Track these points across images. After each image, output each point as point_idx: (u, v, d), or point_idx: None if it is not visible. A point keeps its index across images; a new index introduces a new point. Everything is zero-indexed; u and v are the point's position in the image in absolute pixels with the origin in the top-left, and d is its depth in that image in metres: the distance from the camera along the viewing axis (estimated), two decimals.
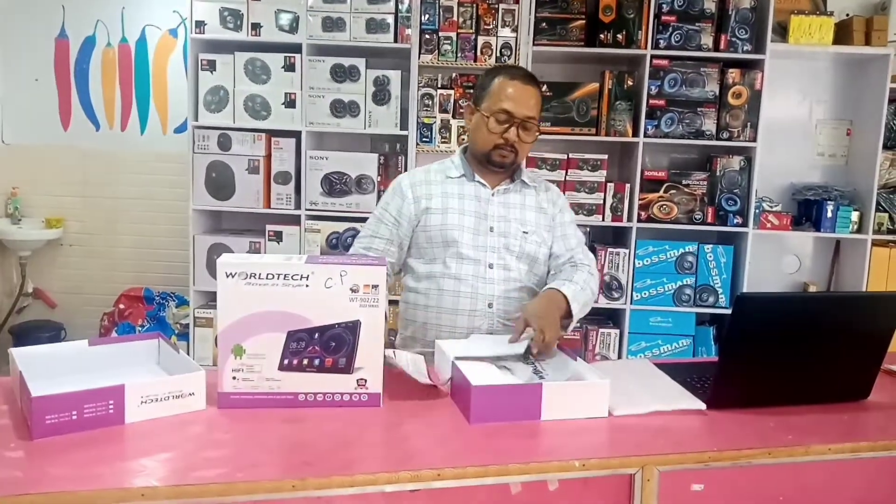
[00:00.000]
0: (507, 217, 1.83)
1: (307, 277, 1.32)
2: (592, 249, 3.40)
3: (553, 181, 3.31)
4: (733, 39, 3.26)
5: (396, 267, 1.89)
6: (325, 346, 1.34)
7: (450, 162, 1.91)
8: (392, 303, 3.42)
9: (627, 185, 3.36)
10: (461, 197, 1.83)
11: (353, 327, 1.34)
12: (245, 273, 1.31)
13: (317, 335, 1.34)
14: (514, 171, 1.88)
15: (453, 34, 3.33)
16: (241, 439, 1.22)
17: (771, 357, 1.41)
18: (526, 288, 1.83)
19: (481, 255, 1.79)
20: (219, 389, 1.33)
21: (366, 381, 1.36)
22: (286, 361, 1.34)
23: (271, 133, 3.39)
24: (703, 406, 1.42)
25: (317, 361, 1.34)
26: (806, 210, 3.52)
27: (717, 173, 3.34)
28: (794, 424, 1.37)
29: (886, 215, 3.40)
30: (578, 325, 3.37)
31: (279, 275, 1.32)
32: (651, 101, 3.27)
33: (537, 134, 1.81)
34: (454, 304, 1.79)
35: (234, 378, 1.33)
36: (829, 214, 3.37)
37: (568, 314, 1.71)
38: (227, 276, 1.31)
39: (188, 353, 3.39)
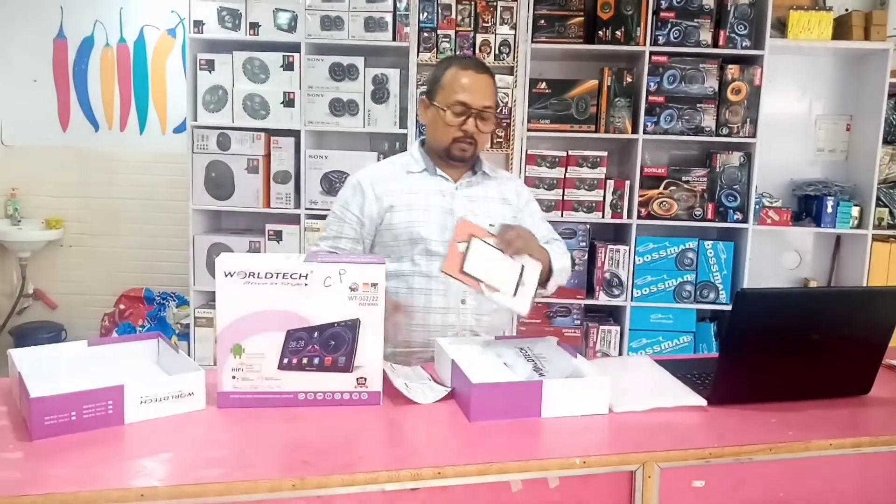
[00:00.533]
0: (474, 210, 1.79)
1: (306, 276, 1.32)
2: (592, 246, 3.40)
3: (553, 178, 3.34)
4: (732, 35, 3.25)
5: None
6: (325, 345, 1.34)
7: (409, 156, 1.87)
8: None
9: (627, 182, 3.35)
10: (425, 192, 1.79)
11: (352, 326, 1.34)
12: (244, 272, 1.31)
13: (316, 334, 1.33)
14: (474, 163, 1.85)
15: (452, 32, 3.32)
16: (241, 439, 1.22)
17: (771, 353, 1.41)
18: None
19: None
20: (218, 389, 1.33)
21: (366, 379, 1.36)
22: (286, 360, 1.34)
23: (270, 132, 3.39)
24: (703, 402, 1.42)
25: (316, 360, 1.34)
26: (806, 206, 3.52)
27: (717, 169, 3.33)
28: (795, 420, 1.37)
29: (887, 210, 3.40)
30: (579, 322, 3.39)
31: (278, 274, 1.31)
32: (650, 98, 3.27)
33: (494, 123, 1.79)
34: (426, 303, 1.75)
35: (233, 377, 1.33)
36: (830, 210, 3.36)
37: (548, 265, 1.73)
38: (226, 276, 1.31)
39: (189, 354, 3.41)
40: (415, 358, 1.72)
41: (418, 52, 3.31)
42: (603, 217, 3.36)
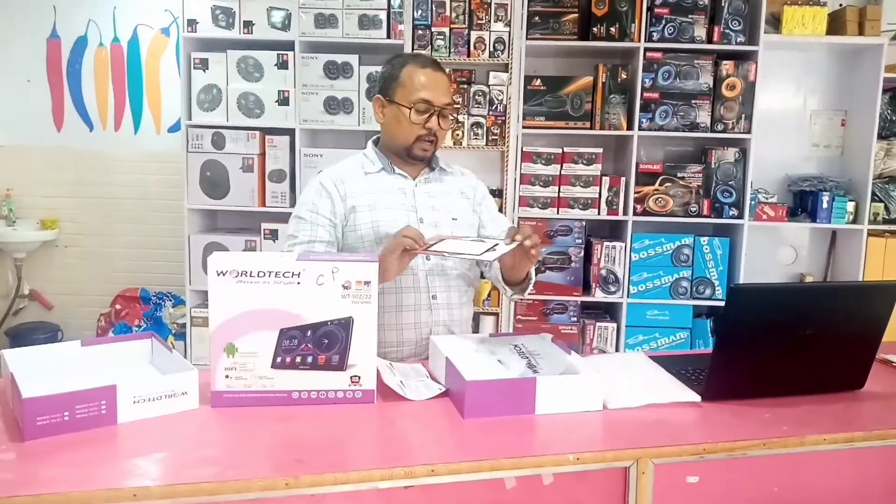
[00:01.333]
0: (435, 206, 1.79)
1: (299, 275, 1.32)
2: (588, 243, 3.40)
3: (548, 175, 3.34)
4: (727, 31, 3.25)
5: None
6: (318, 344, 1.34)
7: (363, 157, 1.85)
8: None
9: (623, 179, 3.35)
10: (385, 191, 1.77)
11: (345, 324, 1.34)
12: (236, 271, 1.31)
13: (309, 332, 1.33)
14: (430, 160, 1.84)
15: (446, 29, 3.32)
16: (235, 438, 1.22)
17: (765, 348, 1.41)
18: (462, 275, 1.81)
19: None
20: (212, 388, 1.33)
21: (359, 377, 1.36)
22: (279, 359, 1.33)
23: (265, 131, 3.38)
24: (697, 398, 1.42)
25: (310, 359, 1.34)
26: (801, 201, 3.52)
27: (713, 165, 3.33)
28: (788, 415, 1.37)
29: (882, 205, 3.40)
30: (575, 319, 3.39)
31: (270, 272, 1.31)
32: (645, 94, 3.27)
33: (452, 120, 1.78)
34: (397, 302, 1.74)
35: (226, 377, 1.33)
36: (825, 205, 3.37)
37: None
38: (219, 275, 1.31)
39: (186, 353, 3.42)
40: (389, 358, 1.71)
41: (412, 49, 3.31)
42: (599, 214, 3.36)
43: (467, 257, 1.62)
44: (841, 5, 3.39)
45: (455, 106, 1.80)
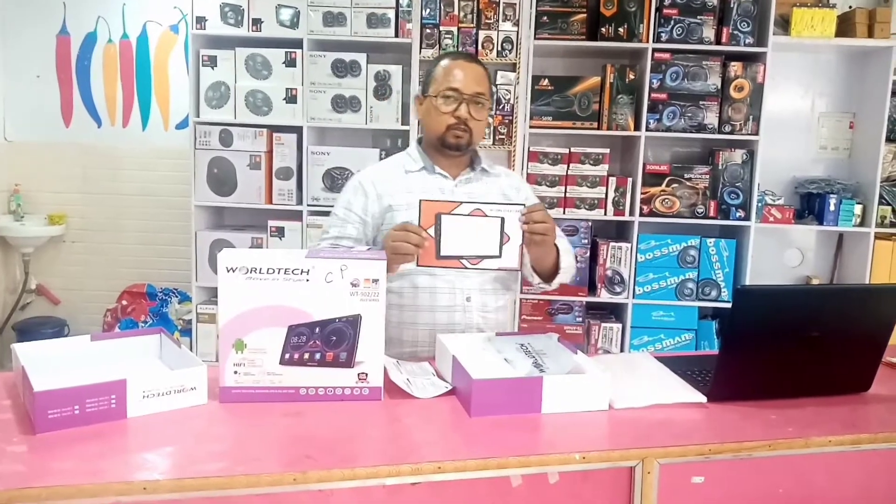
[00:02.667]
0: None
1: (308, 272, 1.32)
2: (594, 243, 3.40)
3: (555, 175, 3.34)
4: (735, 32, 3.25)
5: None
6: (326, 341, 1.35)
7: (406, 156, 1.86)
8: None
9: (629, 179, 3.35)
10: (424, 191, 1.78)
11: (353, 321, 1.35)
12: (246, 268, 1.32)
13: (318, 329, 1.34)
14: (472, 160, 1.85)
15: (454, 28, 3.32)
16: (243, 433, 1.23)
17: (771, 350, 1.41)
18: (500, 278, 1.81)
19: None
20: (220, 384, 1.34)
21: (367, 374, 1.37)
22: (287, 356, 1.34)
23: (273, 129, 3.39)
24: (703, 399, 1.42)
25: (318, 356, 1.35)
26: (808, 203, 3.51)
27: (720, 167, 3.33)
28: (794, 417, 1.37)
29: (889, 208, 3.39)
30: (580, 320, 3.40)
31: (280, 269, 1.32)
32: (653, 95, 3.27)
33: (489, 111, 1.77)
34: (431, 301, 1.75)
35: (235, 372, 1.34)
36: (832, 208, 3.36)
37: (556, 258, 1.73)
38: (228, 271, 1.31)
39: (191, 349, 3.42)
40: (422, 358, 1.72)
41: (421, 48, 3.31)
42: (605, 214, 3.36)
43: (491, 268, 1.61)
44: (850, 7, 3.38)
45: (485, 98, 1.78)
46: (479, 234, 1.57)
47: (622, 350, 3.39)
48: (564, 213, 3.36)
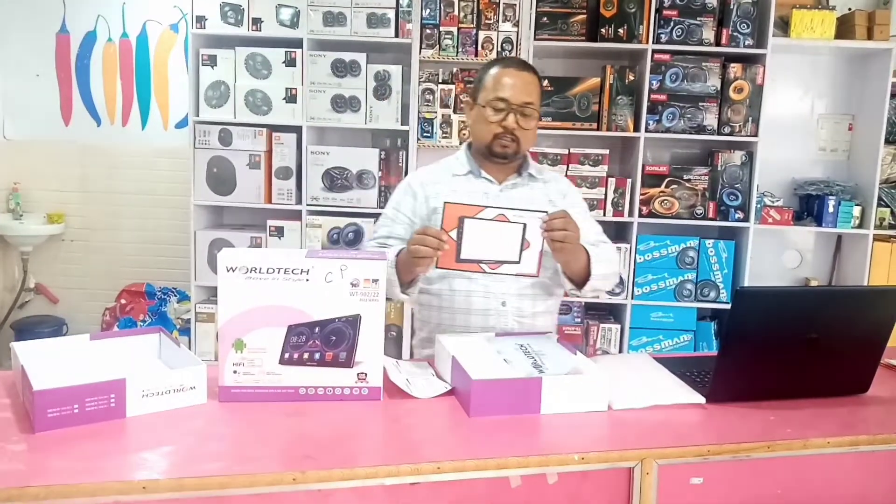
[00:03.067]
0: None
1: (307, 272, 1.33)
2: None
3: None
4: (735, 34, 3.25)
5: None
6: (326, 341, 1.35)
7: (454, 159, 1.88)
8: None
9: (628, 180, 3.35)
10: (469, 194, 1.79)
11: (353, 321, 1.35)
12: (246, 267, 1.32)
13: (317, 329, 1.34)
14: (520, 165, 1.85)
15: (454, 29, 3.33)
16: (242, 433, 1.23)
17: (770, 351, 1.41)
18: (539, 284, 1.79)
19: None
20: (220, 383, 1.34)
21: (366, 374, 1.37)
22: (287, 355, 1.34)
23: (272, 128, 3.39)
24: (702, 400, 1.42)
25: (317, 355, 1.35)
26: (807, 205, 3.52)
27: (719, 168, 3.33)
28: (793, 418, 1.37)
29: (888, 210, 3.40)
30: (579, 320, 3.40)
31: (280, 269, 1.32)
32: (652, 96, 3.27)
33: (538, 120, 1.77)
34: (467, 304, 1.76)
35: (234, 372, 1.34)
36: (831, 209, 3.36)
37: (587, 264, 1.71)
38: (228, 271, 1.32)
39: (189, 349, 3.41)
40: None
41: (420, 48, 3.31)
42: (604, 215, 3.36)
43: (509, 274, 1.60)
44: (850, 9, 3.39)
45: (534, 108, 1.76)
46: (501, 239, 1.58)
47: (621, 351, 3.39)
48: None
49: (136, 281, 3.93)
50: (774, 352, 1.41)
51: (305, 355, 1.35)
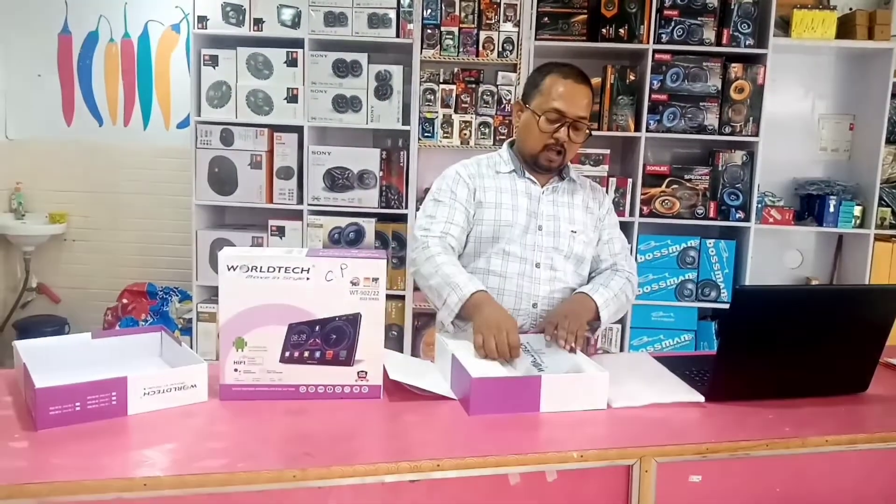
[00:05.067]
0: (557, 216, 1.79)
1: (308, 270, 1.33)
2: None
3: None
4: (735, 34, 3.25)
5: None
6: (326, 339, 1.35)
7: (497, 157, 1.87)
8: (395, 297, 3.42)
9: (629, 180, 3.36)
10: (513, 193, 1.79)
11: (353, 320, 1.36)
12: (246, 266, 1.32)
13: (318, 328, 1.35)
14: (561, 169, 1.85)
15: (455, 29, 3.33)
16: (243, 430, 1.23)
17: (769, 350, 1.41)
18: (570, 289, 1.78)
19: (528, 254, 1.75)
20: (220, 381, 1.34)
21: (366, 373, 1.37)
22: (287, 354, 1.35)
23: (273, 128, 3.39)
24: (701, 398, 1.43)
25: (318, 354, 1.36)
26: (808, 205, 3.52)
27: (720, 168, 3.33)
28: (792, 417, 1.38)
29: (889, 210, 3.40)
30: None
31: (280, 268, 1.33)
32: (653, 96, 3.27)
33: (587, 134, 1.76)
34: (498, 301, 1.72)
35: (235, 370, 1.34)
36: (832, 209, 3.36)
37: (596, 317, 1.69)
38: (229, 270, 1.32)
39: (191, 348, 3.42)
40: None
41: (422, 48, 3.32)
42: None
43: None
44: (851, 9, 3.39)
45: (589, 124, 1.76)
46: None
47: (622, 350, 3.39)
48: None
49: (137, 281, 3.94)
50: (773, 350, 1.42)
51: (306, 354, 1.35)
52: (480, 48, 3.34)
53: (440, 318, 1.68)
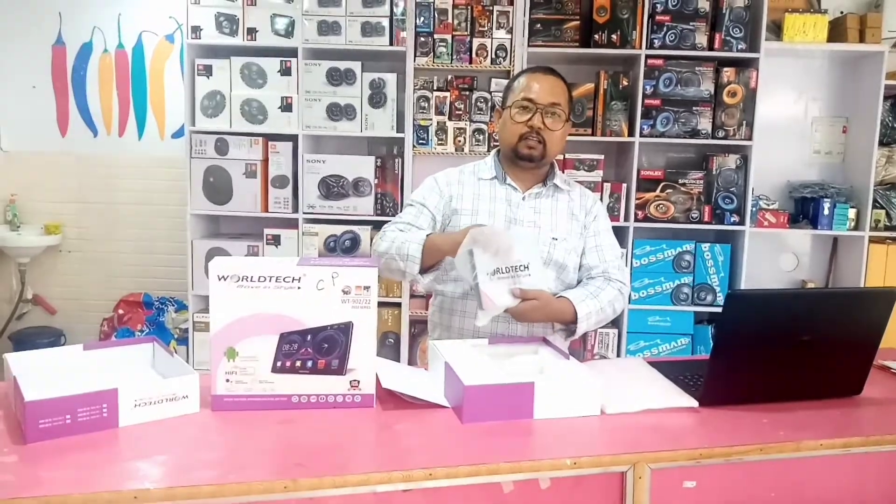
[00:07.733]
0: (537, 222, 1.79)
1: (299, 280, 1.33)
2: None
3: None
4: (728, 38, 3.26)
5: None
6: (318, 348, 1.35)
7: (483, 164, 1.89)
8: (392, 305, 3.42)
9: (624, 185, 3.36)
10: (492, 199, 1.80)
11: (345, 329, 1.35)
12: (237, 276, 1.32)
13: (309, 337, 1.34)
14: (547, 175, 1.85)
15: (448, 36, 3.34)
16: (235, 441, 1.23)
17: (763, 354, 1.41)
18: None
19: None
20: (212, 392, 1.34)
21: (359, 382, 1.37)
22: (279, 363, 1.34)
23: (268, 137, 3.40)
24: (695, 403, 1.42)
25: (309, 363, 1.35)
26: (803, 208, 3.52)
27: (714, 172, 3.34)
28: (786, 421, 1.37)
29: (883, 212, 3.40)
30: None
31: (271, 277, 1.32)
32: (646, 101, 3.28)
33: (566, 125, 1.78)
34: (476, 308, 1.73)
35: (227, 381, 1.34)
36: (826, 212, 3.37)
37: (574, 320, 1.69)
38: (220, 279, 1.32)
39: (188, 358, 3.43)
40: None
41: (415, 56, 3.33)
42: None
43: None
44: (842, 13, 3.40)
45: (565, 110, 1.80)
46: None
47: (618, 355, 3.39)
48: None
49: (133, 291, 3.93)
50: (767, 354, 1.42)
51: (298, 363, 1.35)
52: (474, 55, 3.35)
53: (409, 274, 1.68)
